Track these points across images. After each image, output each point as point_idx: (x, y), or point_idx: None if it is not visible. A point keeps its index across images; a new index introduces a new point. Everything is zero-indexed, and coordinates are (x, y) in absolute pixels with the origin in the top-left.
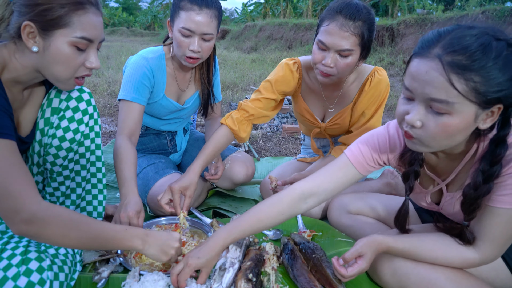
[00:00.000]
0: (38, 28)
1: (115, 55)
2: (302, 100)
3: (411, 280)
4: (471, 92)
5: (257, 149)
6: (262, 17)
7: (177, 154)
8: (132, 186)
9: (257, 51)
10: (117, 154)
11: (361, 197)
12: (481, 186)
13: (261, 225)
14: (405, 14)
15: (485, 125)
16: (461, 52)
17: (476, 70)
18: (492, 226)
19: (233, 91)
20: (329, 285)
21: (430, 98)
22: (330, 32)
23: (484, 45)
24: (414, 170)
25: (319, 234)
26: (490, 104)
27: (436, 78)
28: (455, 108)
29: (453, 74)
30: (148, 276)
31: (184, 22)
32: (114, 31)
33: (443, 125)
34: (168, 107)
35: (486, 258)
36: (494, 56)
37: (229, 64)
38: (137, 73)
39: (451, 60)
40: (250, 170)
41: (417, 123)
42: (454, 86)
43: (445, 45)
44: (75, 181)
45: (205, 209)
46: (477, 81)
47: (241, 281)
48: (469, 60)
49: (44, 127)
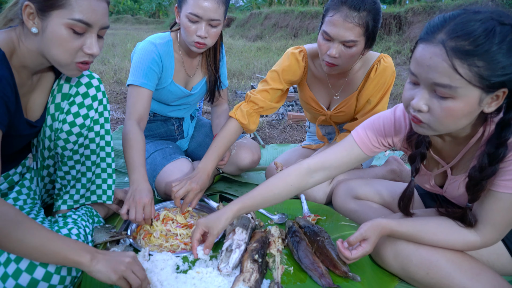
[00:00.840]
0: (36, 9)
1: (120, 43)
2: (308, 89)
3: (412, 262)
4: (475, 76)
5: (263, 137)
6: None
7: (184, 140)
8: (142, 173)
9: (262, 39)
10: (126, 139)
11: (366, 182)
12: (486, 168)
13: (271, 195)
14: (413, 1)
15: (490, 108)
16: (464, 37)
17: (479, 55)
18: (493, 210)
19: (239, 79)
20: (333, 266)
21: (434, 83)
22: (334, 23)
23: (488, 30)
24: (420, 152)
25: (323, 218)
26: (494, 88)
27: (439, 64)
28: (458, 92)
29: (456, 60)
30: (157, 255)
31: (192, 8)
32: (118, 19)
33: (447, 109)
34: (176, 93)
35: (487, 241)
36: (498, 41)
37: (235, 52)
38: (146, 59)
39: (455, 46)
40: (256, 155)
41: (423, 107)
42: (457, 71)
43: (449, 30)
44: (85, 165)
45: (212, 193)
46: (481, 66)
47: (247, 262)
48: (473, 45)
49: (55, 112)
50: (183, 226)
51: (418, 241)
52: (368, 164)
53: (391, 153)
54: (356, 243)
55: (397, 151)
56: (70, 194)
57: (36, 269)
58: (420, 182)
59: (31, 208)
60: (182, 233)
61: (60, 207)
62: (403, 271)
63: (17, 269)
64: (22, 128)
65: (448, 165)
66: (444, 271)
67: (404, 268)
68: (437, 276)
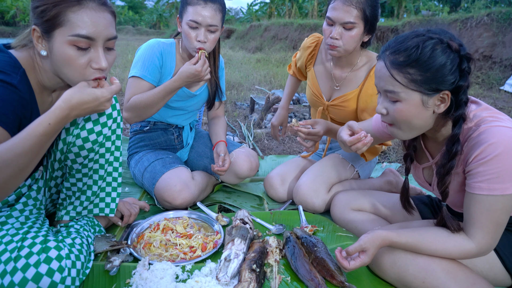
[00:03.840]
0: (42, 32)
1: (121, 54)
2: (314, 75)
3: (409, 271)
4: (409, 82)
5: (261, 148)
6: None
7: (184, 150)
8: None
9: (262, 51)
10: (139, 99)
11: (363, 194)
12: (446, 163)
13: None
14: (411, 15)
15: (440, 109)
16: (399, 52)
17: (410, 64)
18: (477, 212)
19: (238, 90)
20: (330, 276)
21: (384, 89)
22: (335, 8)
23: (418, 44)
24: (409, 154)
25: (321, 229)
26: (433, 91)
27: (384, 74)
28: (401, 96)
29: (393, 70)
30: (157, 265)
31: (192, 15)
32: (119, 29)
33: (398, 111)
34: (178, 93)
35: (481, 246)
36: (426, 51)
37: (234, 64)
38: (147, 53)
39: (393, 59)
40: (254, 164)
41: (383, 110)
42: (395, 78)
43: (390, 48)
44: (92, 178)
45: (211, 204)
46: (412, 73)
47: (246, 271)
48: (405, 57)
49: (70, 127)
50: (183, 236)
51: (416, 251)
52: (367, 176)
53: (387, 165)
54: (355, 253)
55: (393, 163)
56: (74, 206)
57: (42, 278)
58: (415, 175)
59: (36, 218)
60: (181, 243)
61: (63, 217)
62: (399, 279)
63: (23, 278)
64: None
65: (433, 161)
66: (440, 280)
67: (401, 277)
68: (433, 285)
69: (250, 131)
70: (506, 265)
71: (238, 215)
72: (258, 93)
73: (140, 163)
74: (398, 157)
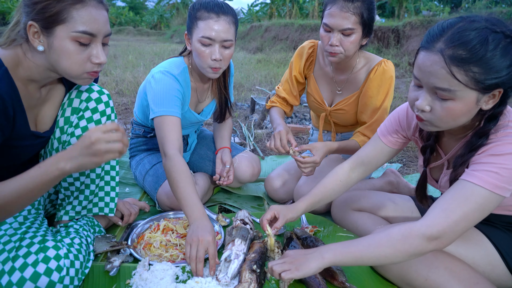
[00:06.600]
0: (40, 27)
1: (122, 54)
2: (314, 81)
3: (412, 268)
4: (471, 81)
5: (262, 148)
6: (268, 17)
7: (186, 154)
8: (202, 210)
9: (262, 52)
10: (176, 172)
11: (364, 194)
12: (466, 155)
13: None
14: (411, 16)
15: (487, 106)
16: (461, 46)
17: (475, 62)
18: (451, 195)
19: (239, 91)
20: (331, 277)
21: (435, 87)
22: (332, 14)
23: (482, 38)
24: (430, 145)
25: (321, 229)
26: (490, 89)
27: (439, 70)
28: (457, 95)
29: (454, 67)
30: (157, 265)
31: (204, 31)
32: (120, 30)
33: (448, 109)
34: (190, 119)
35: (429, 224)
36: (492, 48)
37: (235, 64)
38: (170, 90)
39: (452, 54)
40: (256, 170)
41: (426, 107)
42: (455, 77)
43: (447, 40)
44: (90, 177)
45: (212, 205)
46: (476, 71)
47: (246, 272)
48: (469, 54)
49: (64, 125)
50: (183, 237)
51: (364, 259)
52: (367, 176)
53: (388, 166)
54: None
55: (394, 163)
56: (72, 205)
57: (40, 278)
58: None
59: (35, 218)
60: (182, 243)
61: (62, 217)
62: (401, 277)
63: (21, 278)
64: (28, 140)
65: (446, 157)
66: (443, 278)
67: (403, 274)
68: (436, 283)
69: (250, 132)
70: (509, 266)
71: (239, 216)
72: (259, 93)
73: (141, 165)
74: (399, 158)
